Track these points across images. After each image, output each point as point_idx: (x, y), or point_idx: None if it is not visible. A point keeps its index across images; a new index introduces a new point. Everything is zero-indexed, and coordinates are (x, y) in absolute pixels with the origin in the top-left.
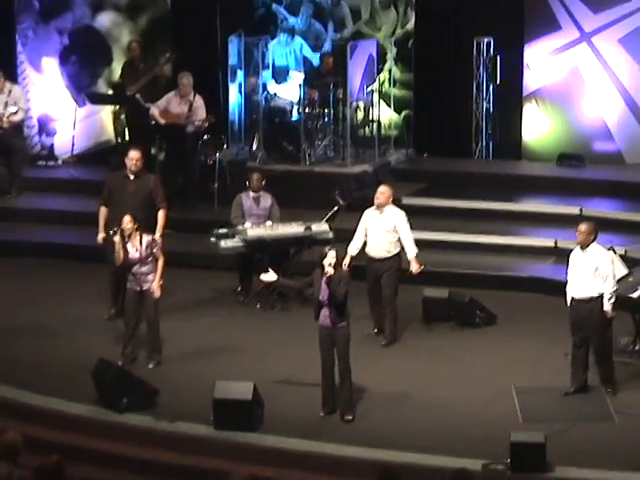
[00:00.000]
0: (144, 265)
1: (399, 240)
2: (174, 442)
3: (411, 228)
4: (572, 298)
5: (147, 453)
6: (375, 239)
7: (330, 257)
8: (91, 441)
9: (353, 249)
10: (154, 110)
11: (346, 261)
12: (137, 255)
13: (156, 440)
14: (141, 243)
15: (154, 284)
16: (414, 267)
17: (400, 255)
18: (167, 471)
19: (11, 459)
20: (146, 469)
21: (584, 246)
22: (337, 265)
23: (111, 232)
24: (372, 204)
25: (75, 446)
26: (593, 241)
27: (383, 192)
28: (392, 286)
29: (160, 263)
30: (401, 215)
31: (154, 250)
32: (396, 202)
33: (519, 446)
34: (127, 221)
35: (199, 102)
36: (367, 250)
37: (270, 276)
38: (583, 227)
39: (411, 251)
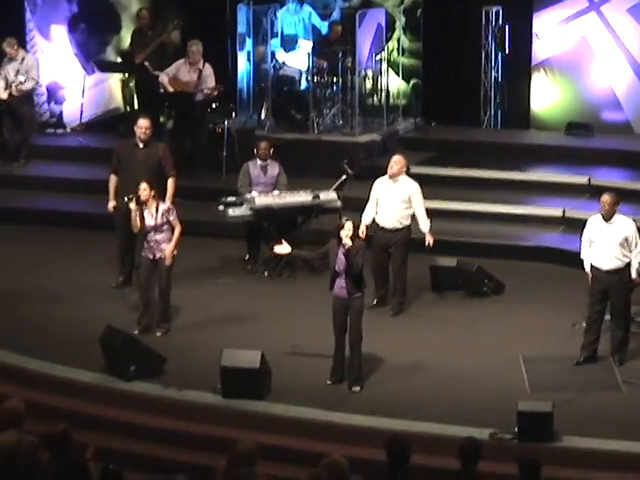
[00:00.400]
0: (159, 233)
1: (411, 211)
2: (181, 410)
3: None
4: (595, 268)
5: (154, 421)
6: (388, 209)
7: (347, 228)
8: (98, 408)
9: (367, 218)
10: (163, 77)
11: (362, 229)
12: (152, 222)
13: (163, 408)
14: (157, 210)
15: (167, 252)
16: (430, 240)
17: (410, 226)
18: (174, 439)
19: (15, 426)
20: (153, 437)
21: (609, 217)
22: (354, 236)
23: (126, 199)
24: (380, 173)
25: (82, 413)
26: (616, 211)
27: (397, 161)
28: (402, 257)
29: (176, 232)
30: (416, 187)
31: (170, 218)
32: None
33: (526, 415)
34: (144, 187)
35: (208, 70)
36: (377, 219)
37: (284, 248)
38: (608, 198)
39: (425, 224)
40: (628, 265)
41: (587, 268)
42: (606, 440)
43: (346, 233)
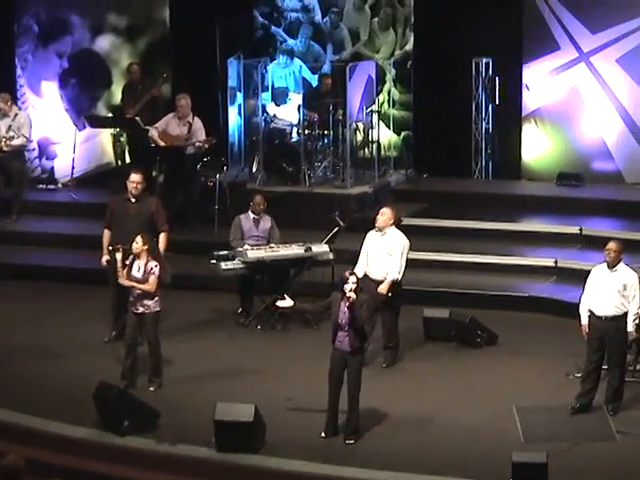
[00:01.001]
0: (136, 288)
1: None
2: (175, 464)
3: (412, 250)
4: (594, 315)
5: (148, 476)
6: (375, 261)
7: (351, 282)
8: (92, 464)
9: (359, 271)
10: (153, 132)
11: None
12: (138, 276)
13: (157, 462)
14: (146, 265)
15: (125, 280)
16: (382, 288)
17: (401, 279)
18: None
19: None
20: None
21: (613, 265)
22: (357, 290)
23: (111, 248)
24: (372, 225)
25: (76, 469)
26: (621, 260)
27: (383, 213)
28: (393, 310)
29: (146, 286)
30: (400, 240)
31: (150, 278)
32: (397, 223)
33: (521, 466)
34: (137, 241)
35: (198, 124)
36: (367, 271)
37: (287, 302)
38: (613, 246)
39: (392, 275)
40: (625, 315)
41: (584, 320)
42: None
43: (350, 287)
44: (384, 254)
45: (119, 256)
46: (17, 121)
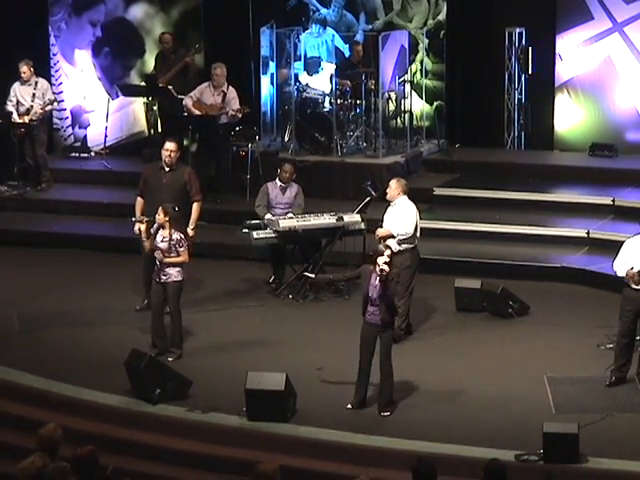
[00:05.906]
0: (167, 259)
1: (413, 235)
2: (207, 433)
3: (443, 220)
4: (628, 287)
5: (180, 444)
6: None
7: (386, 255)
8: (124, 432)
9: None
10: (187, 101)
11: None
12: (161, 246)
13: (189, 431)
14: (170, 237)
15: (167, 258)
16: (380, 230)
17: (414, 250)
18: (199, 462)
19: (50, 452)
20: (179, 460)
21: None
22: (391, 264)
23: (133, 219)
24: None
25: (108, 437)
26: None
27: (390, 186)
28: (404, 283)
29: (180, 259)
30: (407, 210)
31: (180, 250)
32: (428, 193)
33: (552, 437)
34: (159, 212)
35: (232, 93)
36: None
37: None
38: None
39: (394, 230)
40: None
41: (623, 273)
42: (632, 462)
43: (384, 259)
44: (392, 226)
45: (143, 227)
46: (40, 88)
